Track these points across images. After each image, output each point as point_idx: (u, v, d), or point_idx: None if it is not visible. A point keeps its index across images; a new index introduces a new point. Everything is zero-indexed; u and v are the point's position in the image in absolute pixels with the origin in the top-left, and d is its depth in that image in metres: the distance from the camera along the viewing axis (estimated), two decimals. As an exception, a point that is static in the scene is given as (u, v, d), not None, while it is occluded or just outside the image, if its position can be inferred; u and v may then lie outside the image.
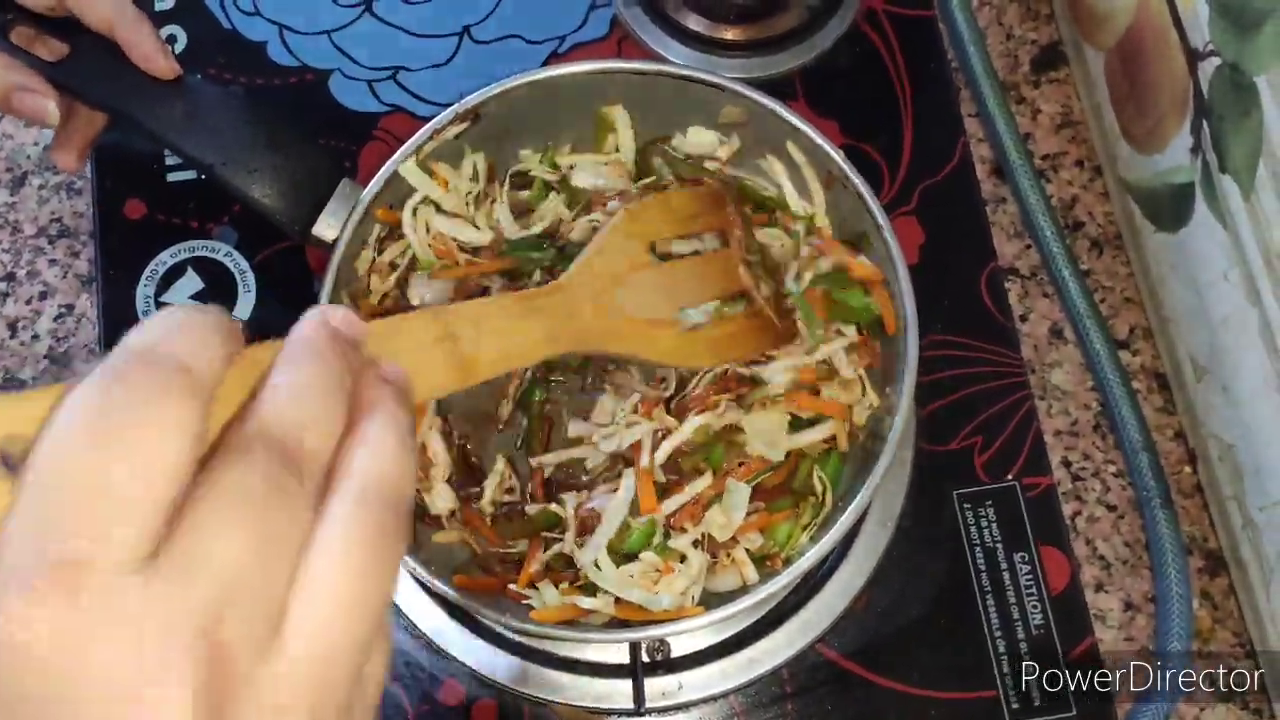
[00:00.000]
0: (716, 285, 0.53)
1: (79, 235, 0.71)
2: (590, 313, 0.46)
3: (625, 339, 0.49)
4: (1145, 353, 0.68)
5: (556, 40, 0.72)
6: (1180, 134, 0.62)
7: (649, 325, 0.50)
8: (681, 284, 0.52)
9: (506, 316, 0.41)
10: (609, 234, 0.50)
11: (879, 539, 0.61)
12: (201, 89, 0.58)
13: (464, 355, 0.36)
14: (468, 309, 0.39)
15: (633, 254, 0.50)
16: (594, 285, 0.47)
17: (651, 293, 0.50)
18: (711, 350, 0.53)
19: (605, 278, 0.48)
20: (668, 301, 0.51)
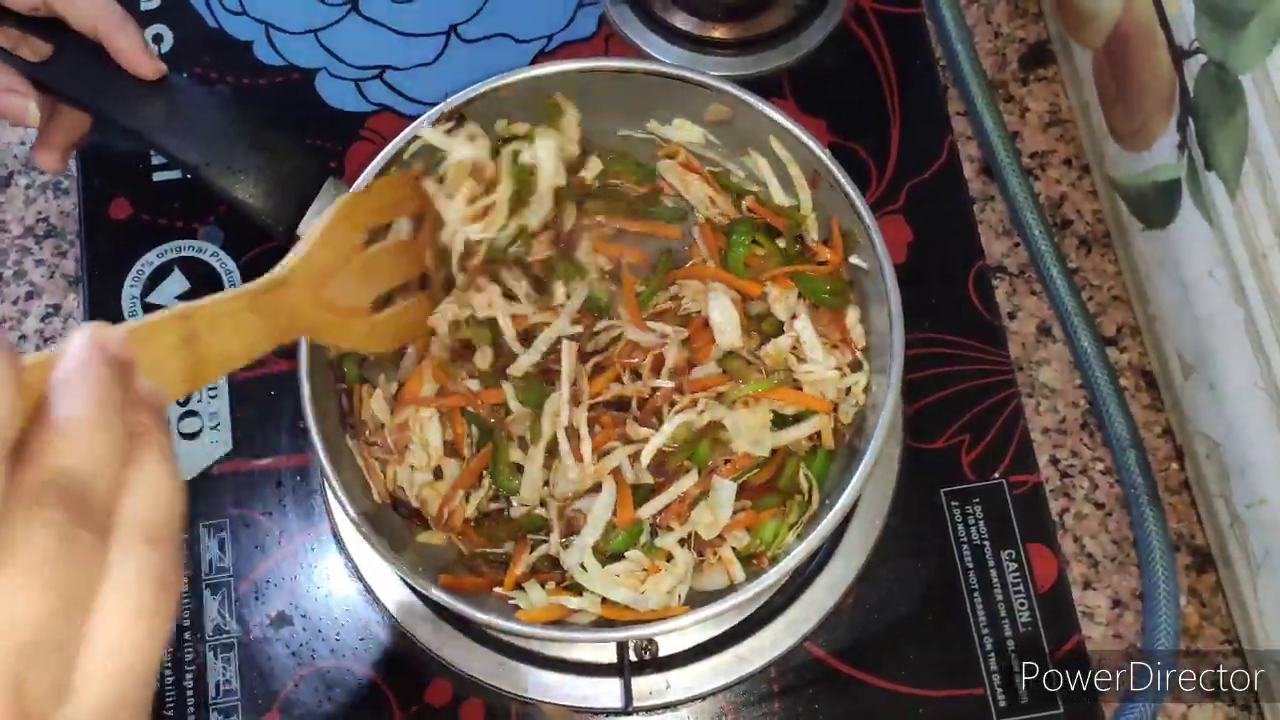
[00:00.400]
0: (410, 268, 0.56)
1: (66, 235, 0.71)
2: (307, 305, 0.49)
3: (331, 329, 0.51)
4: (1133, 350, 0.68)
5: (544, 39, 0.72)
6: (1167, 132, 0.62)
7: (349, 313, 0.52)
8: (381, 270, 0.55)
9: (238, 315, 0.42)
10: (330, 225, 0.51)
11: (866, 537, 0.61)
12: (186, 89, 0.58)
13: (198, 357, 0.37)
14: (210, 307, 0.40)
15: (347, 242, 0.52)
16: (313, 277, 0.49)
17: (356, 281, 0.53)
18: (394, 336, 0.57)
19: (320, 269, 0.50)
20: (367, 289, 0.54)
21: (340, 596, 0.62)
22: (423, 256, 0.57)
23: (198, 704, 0.59)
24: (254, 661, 0.60)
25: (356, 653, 0.61)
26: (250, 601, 0.61)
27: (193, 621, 0.61)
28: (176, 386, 0.36)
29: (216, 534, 0.62)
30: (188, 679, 0.60)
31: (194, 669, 0.60)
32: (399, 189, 0.56)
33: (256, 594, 0.62)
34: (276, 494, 0.63)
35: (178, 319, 0.37)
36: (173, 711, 0.59)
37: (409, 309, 0.57)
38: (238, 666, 0.60)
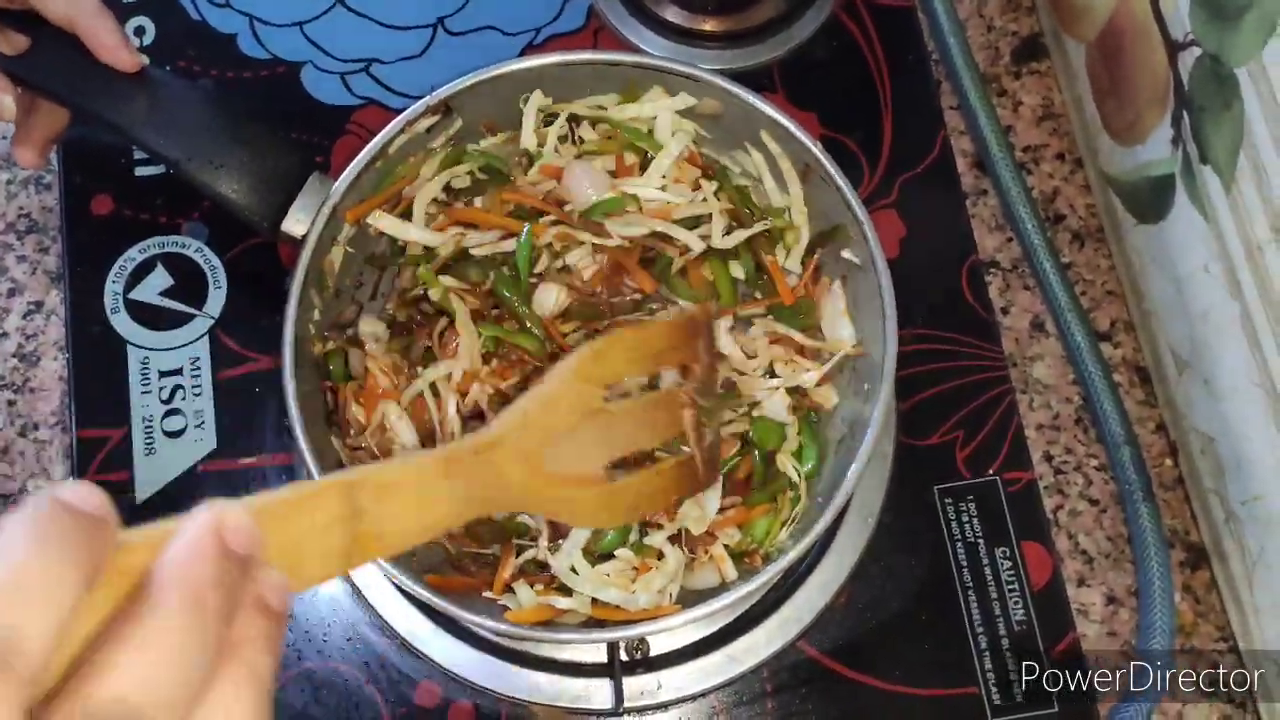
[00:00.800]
0: (658, 432, 0.48)
1: (48, 230, 0.70)
2: (520, 474, 0.40)
3: (549, 503, 0.43)
4: (1127, 346, 0.68)
5: (532, 32, 0.71)
6: (1161, 126, 0.61)
7: (574, 483, 0.43)
8: (623, 432, 0.46)
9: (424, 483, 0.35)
10: (562, 377, 0.43)
11: (859, 535, 0.60)
12: (166, 83, 0.57)
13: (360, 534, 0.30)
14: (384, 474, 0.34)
15: (584, 402, 0.44)
16: (531, 442, 0.41)
17: (587, 445, 0.44)
18: (631, 508, 0.48)
19: (545, 431, 0.42)
20: (604, 453, 0.45)
21: (327, 597, 0.61)
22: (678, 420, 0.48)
23: (182, 707, 0.59)
24: (239, 663, 0.59)
25: (344, 654, 0.60)
26: (236, 602, 0.61)
27: (177, 623, 0.60)
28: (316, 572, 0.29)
29: (201, 534, 0.61)
30: (172, 681, 0.59)
31: (178, 671, 0.59)
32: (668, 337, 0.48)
33: (242, 595, 0.61)
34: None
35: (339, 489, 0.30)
36: (157, 714, 0.58)
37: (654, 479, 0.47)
38: (223, 668, 0.59)
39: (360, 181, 0.56)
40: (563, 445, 0.42)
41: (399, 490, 0.33)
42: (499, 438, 0.40)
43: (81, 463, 0.63)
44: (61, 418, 0.65)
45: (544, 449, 0.42)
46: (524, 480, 0.41)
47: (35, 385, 0.66)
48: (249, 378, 0.64)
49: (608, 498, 0.45)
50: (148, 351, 0.65)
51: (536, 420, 0.41)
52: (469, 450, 0.39)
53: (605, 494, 0.45)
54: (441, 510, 0.36)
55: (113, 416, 0.64)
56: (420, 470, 0.35)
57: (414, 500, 0.34)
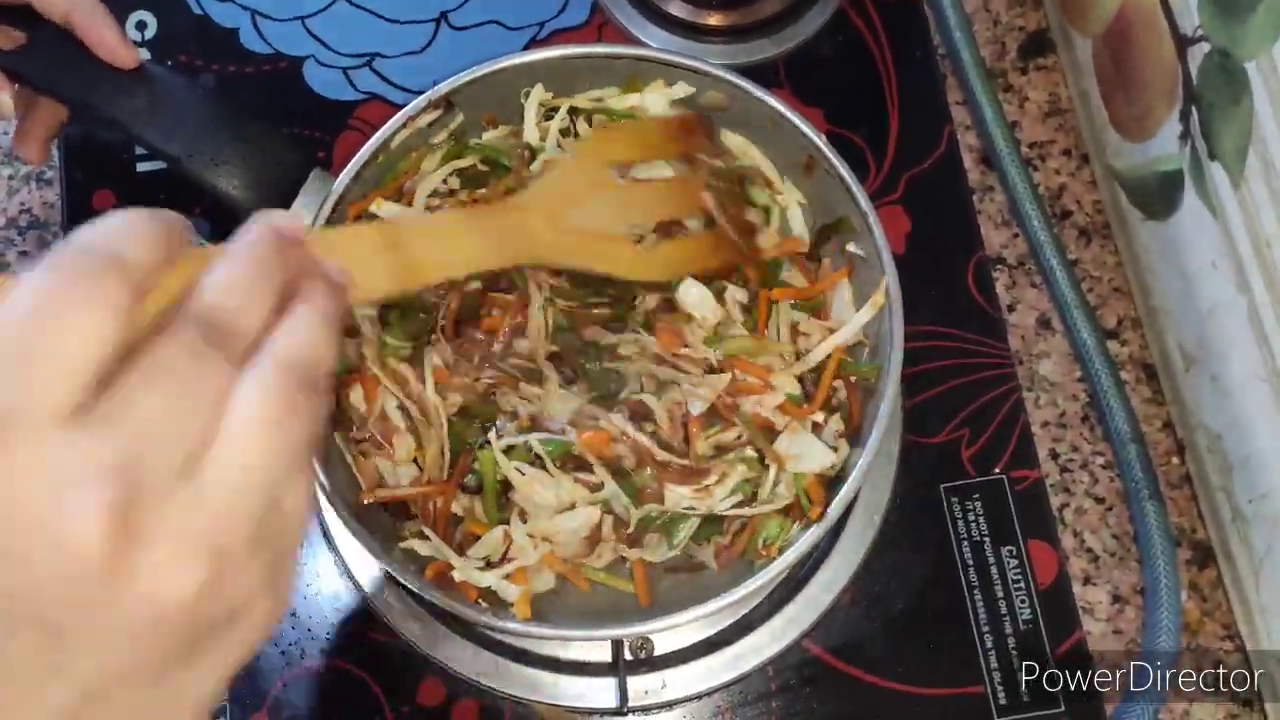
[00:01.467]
0: (675, 206, 0.53)
1: (50, 226, 0.70)
2: (542, 229, 0.47)
3: (576, 253, 0.49)
4: (1133, 343, 0.68)
5: (536, 26, 0.71)
6: (1169, 121, 0.61)
7: (603, 239, 0.50)
8: (640, 203, 0.52)
9: (451, 230, 0.42)
10: (570, 159, 0.50)
11: (864, 533, 0.60)
12: (166, 79, 0.56)
13: (408, 261, 0.37)
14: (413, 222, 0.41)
15: (593, 174, 0.50)
16: (549, 203, 0.48)
17: (608, 210, 0.50)
18: (668, 264, 0.53)
19: (561, 196, 0.48)
20: (623, 217, 0.51)
21: (330, 595, 0.61)
22: (696, 198, 0.54)
23: (185, 705, 0.58)
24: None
25: (347, 652, 0.60)
26: (238, 600, 0.60)
27: (179, 621, 0.60)
28: (379, 281, 0.36)
29: (203, 532, 0.61)
30: (174, 679, 0.59)
31: (181, 669, 0.59)
32: (667, 130, 0.54)
33: (244, 592, 0.61)
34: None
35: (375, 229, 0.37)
36: (159, 713, 0.58)
37: (686, 243, 0.53)
38: (225, 666, 0.59)
39: (362, 177, 0.56)
40: (582, 208, 0.49)
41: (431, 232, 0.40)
42: (522, 201, 0.47)
43: (83, 460, 0.63)
44: (63, 414, 0.65)
45: (565, 209, 0.48)
46: (550, 233, 0.47)
47: (37, 382, 0.66)
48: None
49: (641, 253, 0.51)
50: (149, 348, 0.64)
51: (554, 187, 0.48)
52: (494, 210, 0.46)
53: (637, 250, 0.51)
54: (472, 250, 0.42)
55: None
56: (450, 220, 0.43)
57: (447, 241, 0.41)
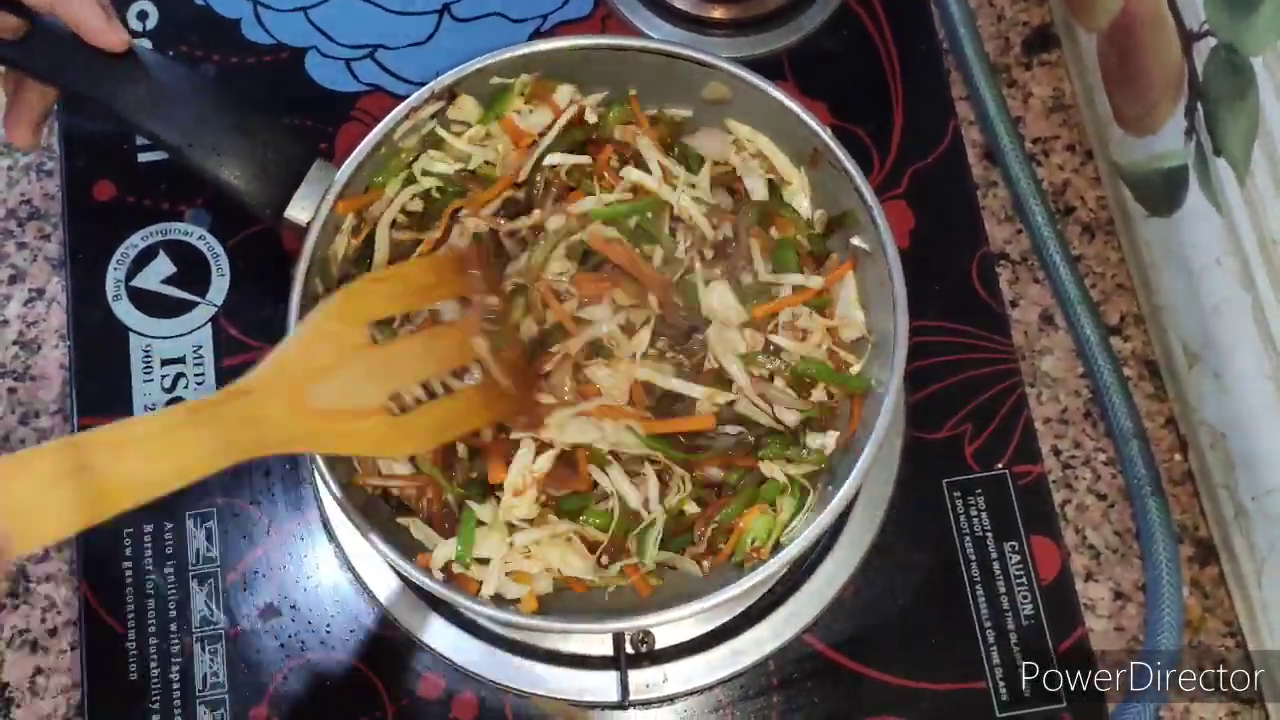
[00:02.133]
0: (444, 360, 0.49)
1: (49, 217, 0.69)
2: (279, 413, 0.42)
3: (321, 436, 0.44)
4: (1136, 339, 0.68)
5: (539, 19, 0.71)
6: (1174, 117, 0.61)
7: (351, 416, 0.45)
8: (402, 364, 0.47)
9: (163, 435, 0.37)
10: (316, 320, 0.45)
11: (867, 528, 0.60)
12: (167, 69, 0.56)
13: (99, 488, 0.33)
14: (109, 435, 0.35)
15: (344, 339, 0.45)
16: (286, 383, 0.43)
17: (359, 380, 0.45)
18: (428, 433, 0.48)
19: (302, 372, 0.43)
20: (378, 387, 0.46)
21: (330, 587, 0.61)
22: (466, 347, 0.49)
23: (184, 697, 0.58)
24: (242, 654, 0.59)
25: (347, 644, 0.60)
26: (238, 592, 0.60)
27: (179, 613, 0.60)
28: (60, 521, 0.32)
29: (203, 524, 0.61)
30: (174, 672, 0.59)
31: (180, 661, 0.59)
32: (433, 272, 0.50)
33: (244, 585, 0.60)
34: (265, 482, 0.62)
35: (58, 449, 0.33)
36: (159, 705, 0.58)
37: (450, 403, 0.48)
38: (225, 659, 0.59)
39: (364, 168, 0.56)
40: (329, 382, 0.43)
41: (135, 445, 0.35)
42: (249, 386, 0.42)
43: (83, 451, 0.62)
44: (62, 406, 0.65)
45: (306, 387, 0.43)
46: (286, 419, 0.42)
47: (36, 373, 0.66)
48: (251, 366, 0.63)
49: (398, 426, 0.46)
50: (150, 339, 0.64)
51: (293, 362, 0.43)
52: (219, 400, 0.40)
53: (393, 423, 0.46)
54: (190, 457, 0.37)
55: (114, 405, 0.63)
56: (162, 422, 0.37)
57: (156, 451, 0.36)
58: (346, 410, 0.44)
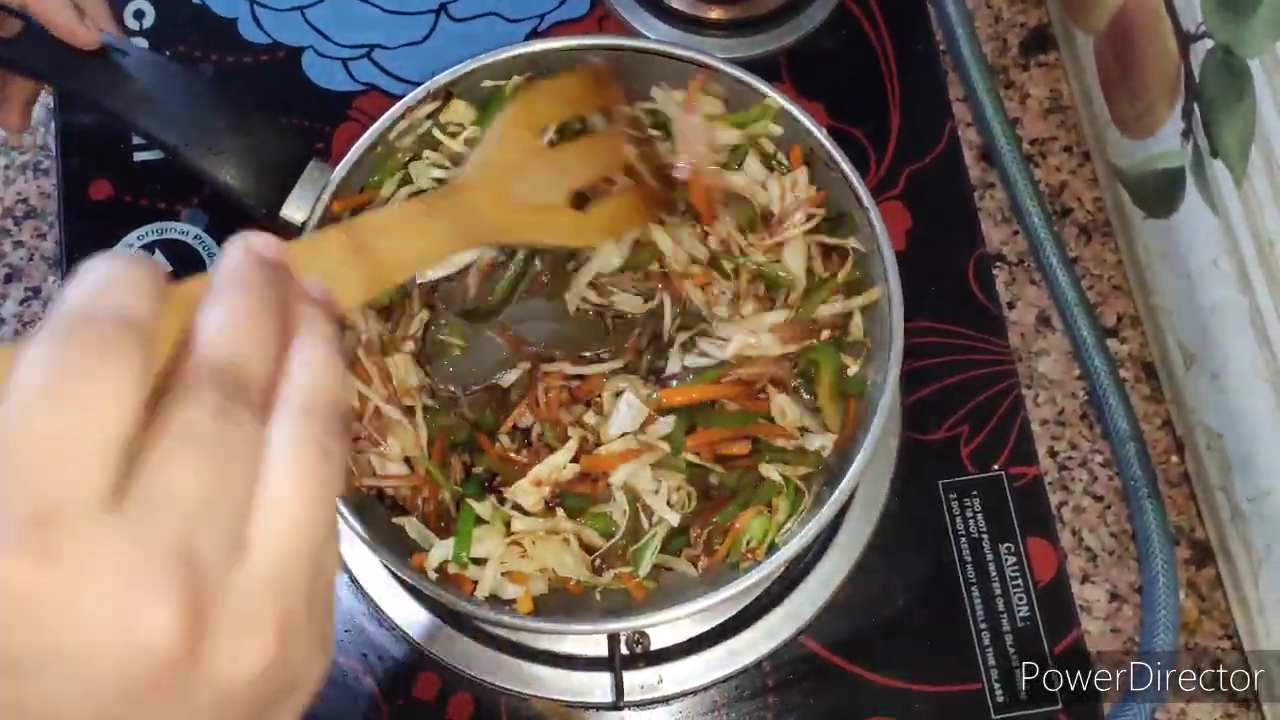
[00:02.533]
0: (602, 163, 0.55)
1: (46, 216, 0.69)
2: (489, 206, 0.48)
3: (524, 228, 0.51)
4: (1133, 341, 0.67)
5: (536, 19, 0.71)
6: (1171, 118, 0.61)
7: (545, 211, 0.51)
8: (570, 166, 0.53)
9: (411, 222, 0.43)
10: (502, 126, 0.51)
11: (863, 529, 0.60)
12: (164, 68, 0.56)
13: (376, 263, 0.37)
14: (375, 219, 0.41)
15: (526, 143, 0.52)
16: (491, 179, 0.49)
17: (544, 178, 0.52)
18: (604, 226, 0.55)
19: (501, 170, 0.50)
20: (559, 185, 0.52)
21: (325, 588, 0.60)
22: (620, 152, 0.55)
23: (178, 697, 0.58)
24: (236, 654, 0.59)
25: (341, 645, 0.59)
26: (233, 592, 0.60)
27: (173, 613, 0.59)
28: (356, 289, 0.36)
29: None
30: (168, 671, 0.59)
31: (175, 661, 0.59)
32: (580, 85, 0.55)
33: (239, 585, 0.60)
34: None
35: (340, 231, 0.37)
36: (153, 705, 0.58)
37: (618, 202, 0.55)
38: (220, 659, 0.59)
39: (360, 168, 0.56)
40: (523, 181, 0.50)
41: (393, 228, 0.40)
42: (464, 182, 0.48)
43: (78, 450, 0.62)
44: (58, 405, 0.65)
45: (509, 185, 0.49)
46: (497, 211, 0.48)
47: (32, 372, 0.66)
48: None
49: (580, 219, 0.53)
50: (145, 338, 0.64)
51: (493, 161, 0.49)
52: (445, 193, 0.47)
53: (576, 218, 0.52)
54: (432, 241, 0.43)
55: (110, 404, 0.63)
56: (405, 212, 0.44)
57: (409, 234, 0.41)
58: (540, 205, 0.51)
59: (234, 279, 0.28)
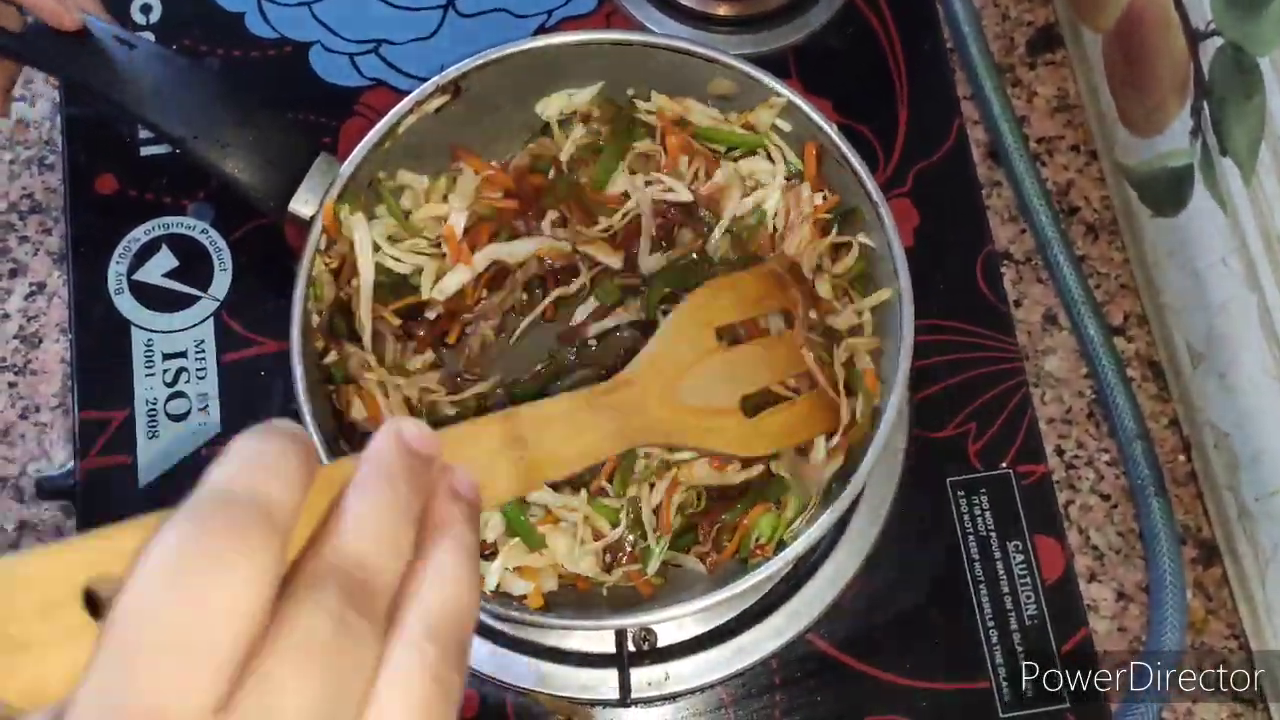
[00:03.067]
0: (779, 369, 0.53)
1: (51, 211, 0.69)
2: (656, 406, 0.46)
3: (691, 431, 0.49)
4: (1140, 340, 0.67)
5: (544, 14, 0.70)
6: (1180, 116, 0.61)
7: (713, 414, 0.49)
8: (744, 370, 0.51)
9: (572, 416, 0.41)
10: (675, 322, 0.49)
11: (871, 527, 0.60)
12: (171, 62, 0.56)
13: (531, 459, 0.36)
14: (535, 411, 0.39)
15: (699, 342, 0.50)
16: (660, 378, 0.47)
17: (715, 380, 0.50)
18: (775, 436, 0.52)
19: (671, 369, 0.48)
20: (731, 388, 0.51)
21: (331, 583, 0.60)
22: (797, 358, 0.53)
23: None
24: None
25: (347, 641, 0.59)
26: (238, 588, 0.60)
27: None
28: (506, 485, 0.35)
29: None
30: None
31: (180, 657, 0.58)
32: (760, 284, 0.53)
33: (245, 580, 0.60)
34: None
35: (499, 421, 0.36)
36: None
37: (791, 413, 0.52)
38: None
39: (367, 164, 0.55)
40: (693, 381, 0.48)
41: (552, 422, 0.39)
42: (632, 377, 0.46)
43: (83, 445, 0.62)
44: (63, 400, 0.65)
45: (677, 384, 0.48)
46: (664, 413, 0.47)
47: (37, 367, 0.66)
48: (254, 361, 0.63)
49: (753, 426, 0.51)
50: (151, 333, 0.64)
51: (663, 358, 0.48)
52: (608, 388, 0.44)
53: (747, 425, 0.50)
54: (592, 438, 0.41)
55: (115, 399, 0.63)
56: (569, 405, 0.41)
57: (568, 430, 0.40)
58: (709, 408, 0.49)
59: (379, 469, 0.27)
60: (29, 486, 0.64)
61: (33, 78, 0.71)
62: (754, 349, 0.53)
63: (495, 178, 0.58)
